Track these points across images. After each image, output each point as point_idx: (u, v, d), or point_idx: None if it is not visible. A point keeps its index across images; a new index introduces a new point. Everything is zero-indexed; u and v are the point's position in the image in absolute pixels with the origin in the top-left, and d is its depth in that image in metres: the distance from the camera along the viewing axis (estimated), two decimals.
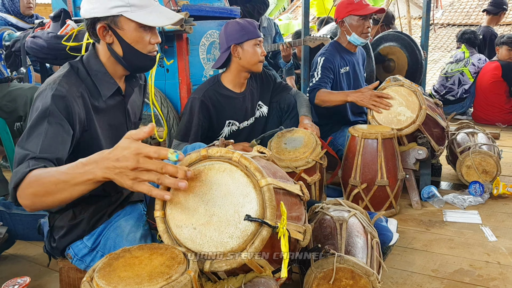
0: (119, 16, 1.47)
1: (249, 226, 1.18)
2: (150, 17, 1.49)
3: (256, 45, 2.36)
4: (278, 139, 2.40)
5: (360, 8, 2.89)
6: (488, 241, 2.15)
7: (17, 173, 1.24)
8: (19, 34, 3.13)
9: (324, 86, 2.81)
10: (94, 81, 1.53)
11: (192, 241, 1.20)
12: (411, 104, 2.54)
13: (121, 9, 1.45)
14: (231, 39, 2.35)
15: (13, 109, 2.73)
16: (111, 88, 1.56)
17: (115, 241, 1.55)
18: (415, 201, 2.58)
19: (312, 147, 2.31)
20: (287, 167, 2.24)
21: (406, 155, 2.57)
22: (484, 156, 2.70)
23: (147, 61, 1.57)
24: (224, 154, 1.26)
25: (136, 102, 1.76)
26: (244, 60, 2.36)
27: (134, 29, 1.49)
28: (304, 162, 2.26)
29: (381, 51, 4.52)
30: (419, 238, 2.19)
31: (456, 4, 16.11)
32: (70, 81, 1.45)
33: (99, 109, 1.53)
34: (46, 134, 1.33)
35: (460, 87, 4.93)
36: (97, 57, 1.55)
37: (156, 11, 1.51)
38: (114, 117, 1.61)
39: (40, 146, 1.30)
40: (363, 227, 1.70)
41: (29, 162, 1.25)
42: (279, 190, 1.30)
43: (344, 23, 2.95)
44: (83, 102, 1.46)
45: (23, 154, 1.28)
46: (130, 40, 1.50)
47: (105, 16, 1.47)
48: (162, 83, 2.65)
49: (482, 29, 5.53)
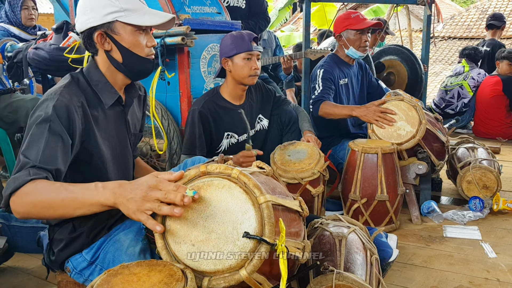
0: (115, 22, 1.49)
1: (247, 243, 1.17)
2: (145, 18, 1.51)
3: (247, 58, 2.34)
4: (281, 151, 2.41)
5: (357, 22, 2.92)
6: (488, 257, 2.14)
7: (17, 179, 1.25)
8: (21, 45, 3.15)
9: (327, 97, 2.83)
10: (96, 91, 1.54)
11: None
12: (411, 119, 2.54)
13: (115, 14, 1.48)
14: (223, 52, 2.39)
15: (14, 120, 2.74)
16: (113, 97, 1.57)
17: (114, 255, 1.54)
18: (415, 216, 2.57)
19: (316, 159, 2.33)
20: (293, 178, 2.26)
21: (406, 169, 2.57)
22: (485, 171, 2.70)
23: (146, 64, 1.58)
24: (223, 171, 1.26)
25: (136, 113, 1.77)
26: (235, 73, 2.38)
27: (130, 33, 1.51)
28: (310, 173, 2.27)
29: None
30: (419, 254, 2.19)
31: (457, 17, 16.24)
32: (71, 91, 1.46)
33: (99, 119, 1.54)
34: (47, 144, 1.34)
35: (460, 100, 4.95)
36: (97, 67, 1.57)
37: (148, 13, 1.54)
38: (114, 127, 1.62)
39: (41, 155, 1.31)
40: (363, 243, 1.69)
41: (30, 171, 1.26)
42: (278, 206, 1.29)
43: (342, 37, 2.98)
44: (83, 112, 1.47)
45: (24, 161, 1.29)
46: (128, 45, 1.52)
47: (101, 24, 1.49)
48: (163, 95, 2.66)
49: (487, 42, 5.56)
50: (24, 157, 1.31)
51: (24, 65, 2.99)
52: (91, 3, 1.49)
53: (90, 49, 1.56)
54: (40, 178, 1.27)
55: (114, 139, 1.62)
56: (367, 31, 2.96)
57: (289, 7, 14.23)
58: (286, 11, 14.65)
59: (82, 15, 1.50)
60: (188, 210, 1.23)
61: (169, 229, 1.24)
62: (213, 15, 2.89)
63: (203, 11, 2.82)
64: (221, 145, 2.46)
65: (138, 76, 1.63)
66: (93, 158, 1.51)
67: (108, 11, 1.47)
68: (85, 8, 1.49)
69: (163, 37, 2.43)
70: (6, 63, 3.07)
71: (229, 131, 2.47)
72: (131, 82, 1.66)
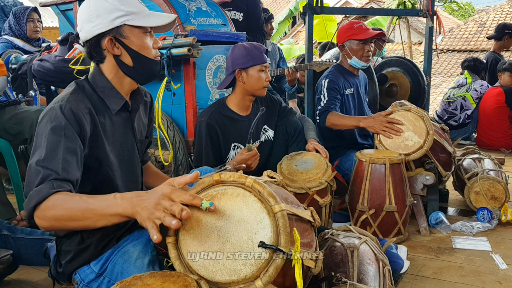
0: (123, 26, 1.49)
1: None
2: (151, 20, 1.53)
3: (261, 70, 2.38)
4: (288, 161, 2.40)
5: (360, 32, 2.93)
6: (499, 268, 2.11)
7: (40, 192, 1.25)
8: (26, 57, 3.15)
9: (333, 108, 2.82)
10: (102, 97, 1.54)
11: (205, 268, 1.18)
12: (418, 129, 2.53)
13: (123, 18, 1.48)
14: (236, 63, 2.37)
15: (19, 131, 2.72)
16: (119, 102, 1.57)
17: (122, 266, 1.52)
18: (423, 227, 2.54)
19: (324, 169, 2.32)
20: (301, 187, 2.24)
21: (414, 180, 2.55)
22: (493, 182, 2.68)
23: (155, 66, 1.59)
24: (237, 179, 1.25)
25: (142, 120, 1.76)
26: (248, 85, 2.38)
27: (138, 35, 1.52)
28: (318, 183, 2.26)
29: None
30: (429, 266, 2.16)
31: (456, 30, 16.39)
32: (77, 98, 1.46)
33: (107, 126, 1.53)
34: (65, 153, 1.34)
35: (463, 112, 4.95)
36: (102, 74, 1.56)
37: (152, 14, 1.55)
38: (121, 134, 1.60)
39: (62, 166, 1.32)
40: (375, 254, 1.67)
41: (53, 183, 1.27)
42: (292, 216, 1.28)
43: (344, 47, 2.99)
44: (91, 118, 1.46)
45: (46, 173, 1.29)
46: (137, 47, 1.52)
47: (110, 29, 1.48)
48: (169, 106, 2.66)
49: (487, 54, 5.58)
50: (45, 168, 1.30)
51: (29, 77, 2.99)
52: (96, 10, 1.49)
53: (96, 57, 1.54)
54: (63, 190, 1.27)
55: (121, 146, 1.60)
56: (370, 41, 2.96)
57: (289, 20, 14.39)
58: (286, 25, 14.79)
59: (87, 23, 1.49)
60: (202, 219, 1.21)
61: (182, 239, 1.22)
62: (218, 26, 2.90)
63: (209, 23, 2.83)
64: (229, 156, 2.44)
65: (147, 79, 1.62)
66: (101, 165, 1.50)
67: (115, 15, 1.48)
68: (90, 16, 1.49)
69: (169, 48, 2.43)
70: (10, 75, 3.06)
71: (236, 142, 2.45)
72: (137, 88, 1.65)
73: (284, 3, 19.85)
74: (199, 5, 2.83)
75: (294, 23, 19.80)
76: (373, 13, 12.97)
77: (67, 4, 3.11)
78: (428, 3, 4.35)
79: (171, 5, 2.62)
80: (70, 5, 3.09)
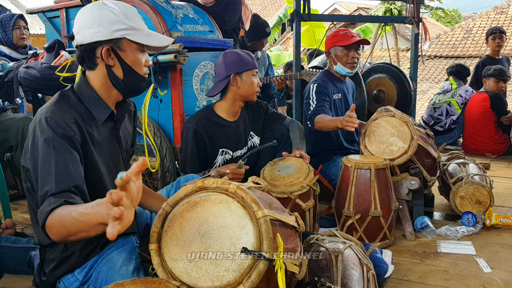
0: (122, 39, 1.51)
1: (245, 259, 1.16)
2: (150, 39, 1.57)
3: (254, 75, 2.43)
4: (270, 167, 2.41)
5: (344, 39, 2.97)
6: (483, 272, 2.13)
7: (41, 213, 1.27)
8: (12, 64, 3.14)
9: (321, 111, 2.83)
10: (88, 107, 1.54)
11: (188, 275, 1.18)
12: (402, 135, 2.56)
13: (124, 32, 1.51)
14: (230, 68, 2.39)
15: (5, 139, 2.71)
16: (105, 113, 1.57)
17: (107, 274, 1.51)
18: (408, 231, 2.57)
19: (305, 173, 2.33)
20: (283, 192, 2.25)
21: (399, 185, 2.57)
22: (477, 187, 2.71)
23: (143, 82, 1.63)
24: (221, 185, 1.26)
25: (127, 128, 1.77)
26: (242, 90, 2.41)
27: (134, 51, 1.55)
28: (299, 187, 2.27)
29: (371, 82, 4.60)
30: (414, 270, 2.17)
31: (442, 37, 16.60)
32: (61, 109, 1.46)
33: (94, 135, 1.54)
34: (57, 164, 1.34)
35: (448, 117, 5.01)
36: (88, 84, 1.56)
37: (151, 34, 1.60)
38: (108, 143, 1.61)
39: (55, 179, 1.32)
40: (359, 259, 1.68)
41: (50, 200, 1.28)
42: (275, 221, 1.29)
43: (330, 54, 3.03)
44: (78, 127, 1.46)
45: (43, 193, 1.31)
46: (130, 62, 1.55)
47: (109, 40, 1.50)
48: (156, 113, 2.66)
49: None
50: (42, 187, 1.32)
51: (15, 84, 2.97)
52: (100, 17, 1.50)
53: (88, 62, 1.55)
54: (59, 205, 1.27)
55: (108, 155, 1.61)
56: (355, 48, 2.99)
57: (278, 27, 14.45)
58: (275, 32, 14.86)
59: (88, 28, 1.50)
60: (185, 226, 1.21)
61: (165, 246, 1.22)
62: (205, 33, 2.91)
63: (195, 29, 2.84)
64: (216, 162, 2.45)
65: (132, 94, 1.65)
66: (90, 174, 1.49)
67: (117, 27, 1.50)
68: (92, 22, 1.50)
69: (155, 54, 2.44)
70: None
71: (223, 147, 2.46)
72: (123, 98, 1.66)
73: (274, 10, 19.98)
74: (186, 12, 2.85)
75: (283, 30, 19.92)
76: (360, 20, 13.07)
77: (54, 11, 3.10)
78: (413, 10, 4.41)
79: (157, 12, 2.64)
80: (56, 12, 3.09)
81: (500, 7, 16.41)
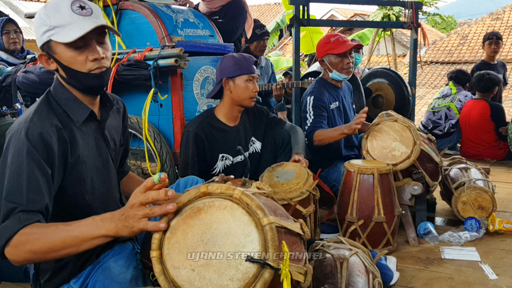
0: (50, 41, 1.42)
1: (250, 268, 1.12)
2: (70, 33, 1.39)
3: (249, 80, 2.38)
4: (269, 173, 2.37)
5: (337, 46, 2.93)
6: (489, 279, 2.10)
7: (6, 229, 1.21)
8: (10, 69, 3.11)
9: (319, 126, 2.81)
10: (65, 110, 1.47)
11: (191, 284, 1.14)
12: (405, 140, 2.54)
13: (48, 33, 1.41)
14: (224, 72, 2.38)
15: (2, 144, 2.66)
16: (84, 113, 1.50)
17: (104, 283, 1.47)
18: (412, 237, 2.54)
19: (304, 178, 2.29)
20: (282, 199, 2.21)
21: (401, 190, 2.54)
22: (480, 192, 2.69)
23: (91, 79, 1.45)
24: (225, 191, 1.22)
25: (116, 127, 1.69)
26: (235, 94, 2.38)
27: (64, 50, 1.42)
28: (299, 193, 2.23)
29: (370, 87, 4.59)
30: (419, 277, 2.14)
31: (439, 42, 16.67)
32: (42, 116, 1.40)
33: (76, 138, 1.47)
34: (29, 181, 1.28)
35: (447, 121, 5.01)
36: (63, 86, 1.49)
37: (77, 26, 1.39)
38: (93, 144, 1.54)
39: (26, 196, 1.27)
40: (365, 266, 1.65)
41: (19, 216, 1.23)
42: (280, 229, 1.25)
43: (324, 62, 3.00)
44: (58, 135, 1.40)
45: (9, 207, 1.25)
46: (66, 62, 1.43)
47: (42, 45, 1.44)
48: (156, 118, 2.63)
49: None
50: (8, 202, 1.26)
51: (13, 89, 2.94)
52: (35, 24, 1.46)
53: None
54: (32, 223, 1.23)
55: (94, 156, 1.54)
56: (349, 53, 2.96)
57: (276, 33, 14.46)
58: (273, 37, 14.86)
59: None
60: (188, 233, 1.18)
61: (167, 253, 1.19)
62: (205, 37, 2.89)
63: (196, 34, 2.82)
64: (216, 167, 2.42)
65: (91, 92, 1.51)
66: (76, 178, 1.45)
67: (42, 30, 1.41)
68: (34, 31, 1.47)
69: (156, 59, 2.41)
70: None
71: (223, 152, 2.43)
72: (104, 96, 1.60)
73: (271, 16, 20.03)
74: (186, 16, 2.83)
75: (281, 36, 19.96)
76: (359, 25, 13.12)
77: None
78: (412, 16, 4.40)
79: (158, 16, 2.61)
80: None
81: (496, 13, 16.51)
